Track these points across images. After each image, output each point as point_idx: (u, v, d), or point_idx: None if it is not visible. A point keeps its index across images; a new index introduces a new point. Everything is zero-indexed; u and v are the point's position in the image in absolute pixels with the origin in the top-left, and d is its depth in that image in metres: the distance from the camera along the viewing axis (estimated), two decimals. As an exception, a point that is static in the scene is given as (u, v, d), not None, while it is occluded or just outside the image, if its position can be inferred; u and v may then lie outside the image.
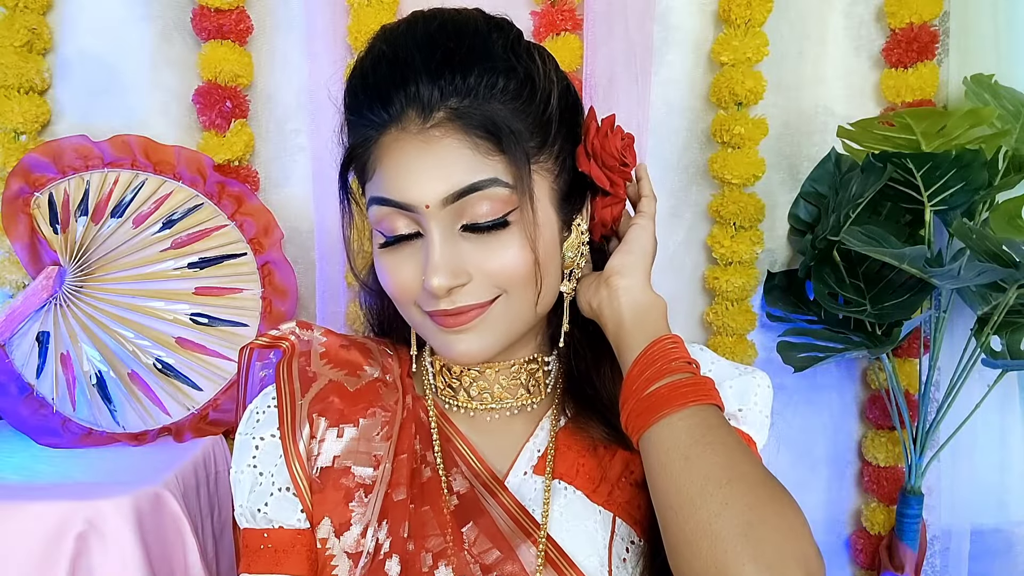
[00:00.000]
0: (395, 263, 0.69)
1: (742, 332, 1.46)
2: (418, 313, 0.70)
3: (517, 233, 0.67)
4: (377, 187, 0.67)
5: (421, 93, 0.64)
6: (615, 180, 0.73)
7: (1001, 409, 1.51)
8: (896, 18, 1.44)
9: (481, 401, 0.76)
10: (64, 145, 1.27)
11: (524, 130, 0.66)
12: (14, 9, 1.30)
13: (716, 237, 1.45)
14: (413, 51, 0.65)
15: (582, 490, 0.72)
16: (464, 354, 0.69)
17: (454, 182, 0.64)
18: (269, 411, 0.74)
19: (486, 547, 0.69)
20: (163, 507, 1.03)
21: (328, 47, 1.36)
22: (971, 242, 1.19)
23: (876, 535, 1.51)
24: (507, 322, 0.69)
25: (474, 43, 0.66)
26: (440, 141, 0.64)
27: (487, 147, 0.65)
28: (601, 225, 0.76)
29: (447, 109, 0.64)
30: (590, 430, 0.74)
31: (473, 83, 0.65)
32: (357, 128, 0.69)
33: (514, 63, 0.67)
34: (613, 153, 0.71)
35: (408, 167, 0.65)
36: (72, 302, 1.25)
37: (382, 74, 0.66)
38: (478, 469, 0.73)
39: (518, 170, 0.66)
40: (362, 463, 0.72)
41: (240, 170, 1.36)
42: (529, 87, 0.67)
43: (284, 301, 1.33)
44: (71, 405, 1.23)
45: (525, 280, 0.68)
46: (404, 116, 0.65)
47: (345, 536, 0.69)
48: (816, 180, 1.40)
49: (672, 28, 1.46)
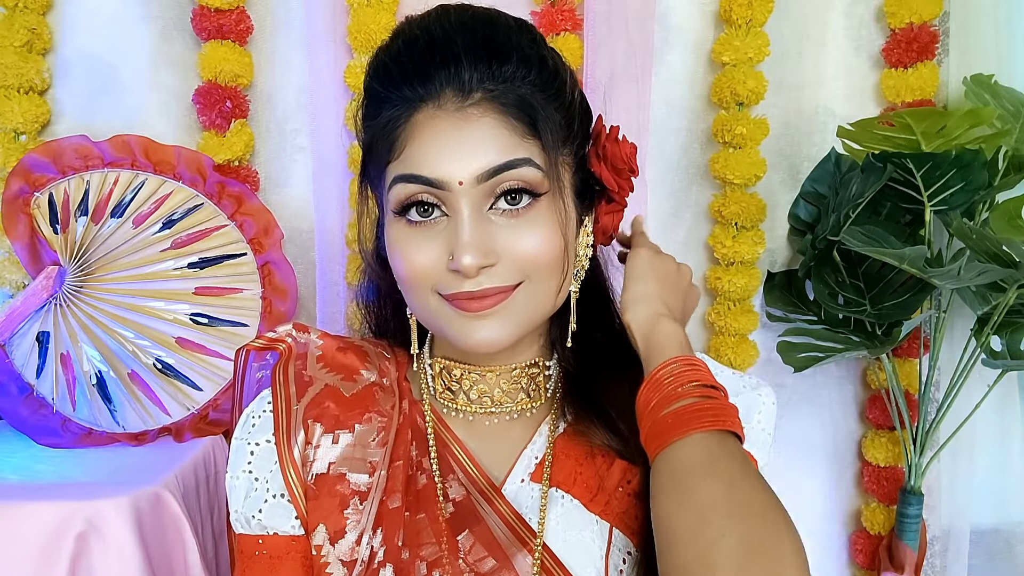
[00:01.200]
0: (415, 245, 0.67)
1: (744, 332, 1.46)
2: (435, 299, 0.68)
3: (546, 217, 0.67)
4: (405, 164, 0.67)
5: (462, 74, 0.65)
6: (622, 185, 0.74)
7: (1001, 409, 1.51)
8: (896, 18, 1.44)
9: (481, 404, 0.76)
10: (64, 145, 1.27)
11: (554, 119, 0.68)
12: (14, 9, 1.30)
13: (718, 237, 1.45)
14: (453, 35, 0.67)
15: (579, 499, 0.72)
16: (485, 340, 0.67)
17: (489, 159, 0.65)
18: (265, 416, 0.73)
19: (481, 555, 0.69)
20: (163, 507, 1.03)
21: (328, 47, 1.36)
22: (971, 242, 1.19)
23: (876, 535, 1.51)
24: (528, 311, 0.68)
25: (509, 33, 0.69)
26: (478, 120, 0.65)
27: (522, 129, 0.66)
28: (602, 232, 0.76)
29: (484, 91, 0.66)
30: (590, 435, 0.73)
31: (510, 70, 0.66)
32: (384, 108, 0.68)
33: (545, 56, 0.69)
34: (622, 158, 0.72)
35: (443, 143, 0.65)
36: (72, 302, 1.25)
37: (420, 54, 0.67)
38: (475, 476, 0.72)
39: (550, 155, 0.67)
40: (357, 469, 0.71)
41: (240, 170, 1.36)
42: (558, 81, 0.70)
43: (284, 301, 1.33)
44: (71, 405, 1.23)
45: (551, 265, 0.68)
46: (442, 95, 0.66)
47: (340, 544, 0.69)
48: (816, 180, 1.40)
49: (672, 28, 1.46)
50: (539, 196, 0.67)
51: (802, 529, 0.60)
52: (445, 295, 0.67)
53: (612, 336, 0.77)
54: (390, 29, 0.72)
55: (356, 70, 1.34)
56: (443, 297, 0.68)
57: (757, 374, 1.48)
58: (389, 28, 1.31)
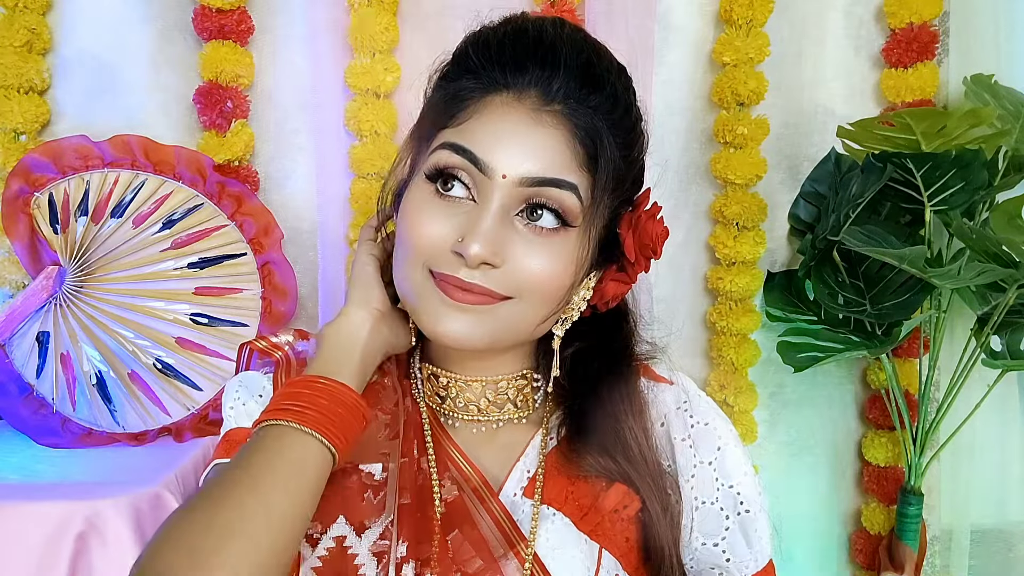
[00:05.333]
0: (431, 213, 0.66)
1: (746, 332, 1.46)
2: (422, 273, 0.67)
3: (566, 249, 0.67)
4: (460, 135, 0.66)
5: (553, 82, 0.65)
6: (639, 260, 0.73)
7: (1001, 409, 1.51)
8: (896, 18, 1.44)
9: (467, 412, 0.75)
10: (64, 145, 1.27)
11: (615, 163, 0.68)
12: (14, 9, 1.29)
13: (719, 237, 1.45)
14: (560, 44, 0.67)
15: (570, 517, 0.71)
16: (454, 333, 0.66)
17: (542, 168, 0.65)
18: (266, 392, 0.74)
19: (469, 555, 0.68)
20: (163, 507, 1.03)
21: (329, 47, 1.36)
22: (971, 242, 1.19)
23: (876, 535, 1.51)
24: (505, 327, 0.68)
25: (610, 68, 0.69)
26: (548, 128, 0.65)
27: (582, 158, 0.66)
28: (600, 296, 0.75)
29: (566, 106, 0.66)
30: (582, 461, 0.72)
31: (596, 100, 0.67)
32: (466, 77, 0.68)
33: (631, 105, 0.70)
34: (652, 236, 0.72)
35: (507, 132, 0.65)
36: (72, 302, 1.25)
37: (524, 45, 0.67)
38: (469, 474, 0.72)
39: (595, 194, 0.67)
40: (370, 459, 0.71)
41: (240, 170, 1.36)
42: (633, 133, 0.70)
43: (284, 301, 1.33)
44: (71, 405, 1.23)
45: (549, 294, 0.67)
46: (526, 91, 0.66)
47: (366, 535, 0.68)
48: (816, 180, 1.40)
49: (673, 28, 1.46)
50: (568, 227, 0.66)
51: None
52: (436, 272, 0.66)
53: (612, 361, 0.77)
54: (390, 29, 0.72)
55: (357, 70, 1.33)
56: (432, 274, 0.66)
57: (757, 374, 1.49)
58: (389, 28, 1.33)
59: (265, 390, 0.76)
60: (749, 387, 1.47)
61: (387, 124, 1.34)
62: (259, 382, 0.76)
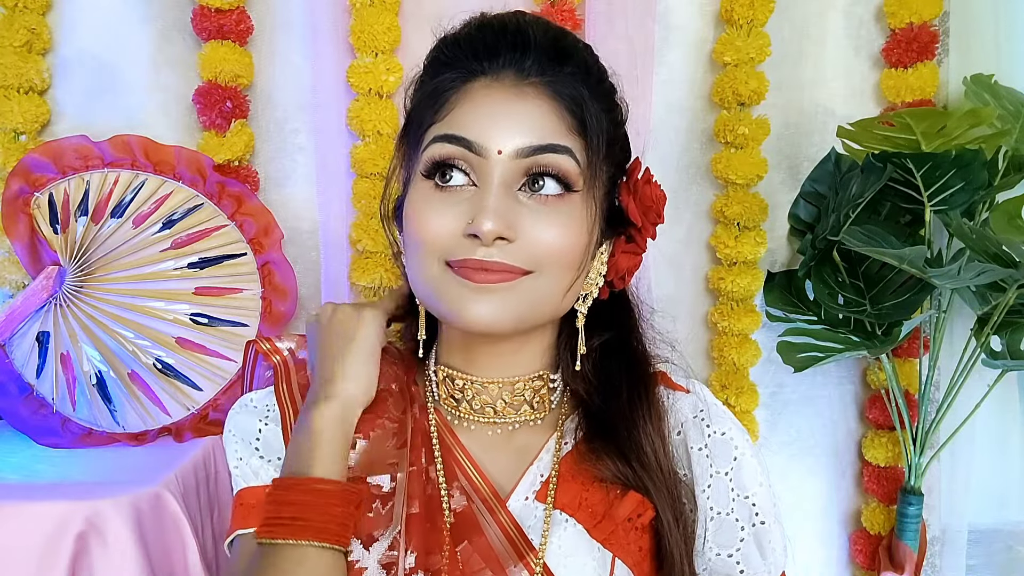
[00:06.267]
0: (435, 208, 0.67)
1: (747, 332, 1.46)
2: (439, 267, 0.67)
3: (574, 213, 0.67)
4: (449, 125, 0.67)
5: (525, 58, 0.67)
6: (646, 225, 0.73)
7: (1001, 409, 1.51)
8: (896, 18, 1.44)
9: (483, 415, 0.75)
10: (64, 145, 1.27)
11: (602, 125, 0.69)
12: (14, 9, 1.29)
13: (720, 237, 1.45)
14: (525, 27, 0.69)
15: (583, 524, 0.70)
16: (482, 317, 0.65)
17: (534, 137, 0.65)
18: (272, 412, 0.74)
19: (478, 567, 0.67)
20: (163, 507, 1.03)
21: (330, 47, 1.36)
22: (971, 242, 1.19)
23: (876, 535, 1.51)
24: (530, 302, 0.67)
25: (576, 43, 0.72)
26: (532, 99, 0.67)
27: (570, 123, 0.67)
28: (615, 270, 0.75)
29: (543, 79, 0.67)
30: (600, 465, 0.72)
31: (569, 69, 0.68)
32: (442, 73, 0.69)
33: (604, 72, 0.73)
34: (652, 198, 0.72)
35: (492, 111, 0.66)
36: (72, 302, 1.25)
37: (493, 32, 0.69)
38: (478, 484, 0.72)
39: (591, 156, 0.67)
40: (379, 471, 0.70)
41: (240, 170, 1.36)
42: (612, 98, 0.73)
43: (284, 301, 1.33)
44: (71, 405, 1.23)
45: (567, 260, 0.67)
46: (502, 72, 0.67)
47: (374, 548, 0.67)
48: (816, 180, 1.40)
49: (673, 28, 1.46)
50: (571, 192, 0.67)
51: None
52: (453, 262, 0.66)
53: (631, 364, 0.77)
54: (392, 29, 0.73)
55: (359, 70, 1.33)
56: (449, 265, 0.66)
57: (757, 374, 1.49)
58: (392, 28, 1.33)
59: (270, 412, 0.75)
60: (750, 387, 1.47)
61: (389, 124, 1.34)
62: (253, 421, 0.75)
